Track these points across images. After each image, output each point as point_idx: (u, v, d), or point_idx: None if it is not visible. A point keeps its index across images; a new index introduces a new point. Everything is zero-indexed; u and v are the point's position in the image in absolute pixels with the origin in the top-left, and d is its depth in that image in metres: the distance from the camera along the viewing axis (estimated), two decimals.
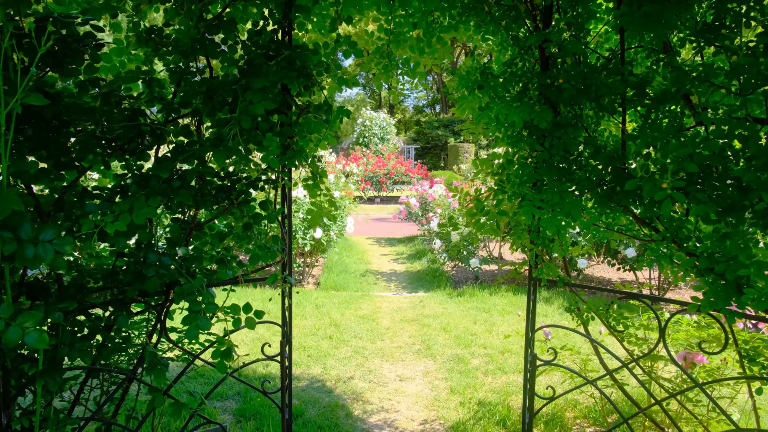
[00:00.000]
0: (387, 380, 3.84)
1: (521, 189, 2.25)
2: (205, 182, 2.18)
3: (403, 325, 5.12)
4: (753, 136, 1.67)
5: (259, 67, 2.13)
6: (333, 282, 6.62)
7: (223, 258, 2.20)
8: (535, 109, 2.21)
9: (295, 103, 2.33)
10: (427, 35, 2.71)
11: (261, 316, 2.06)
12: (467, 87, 2.44)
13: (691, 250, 1.99)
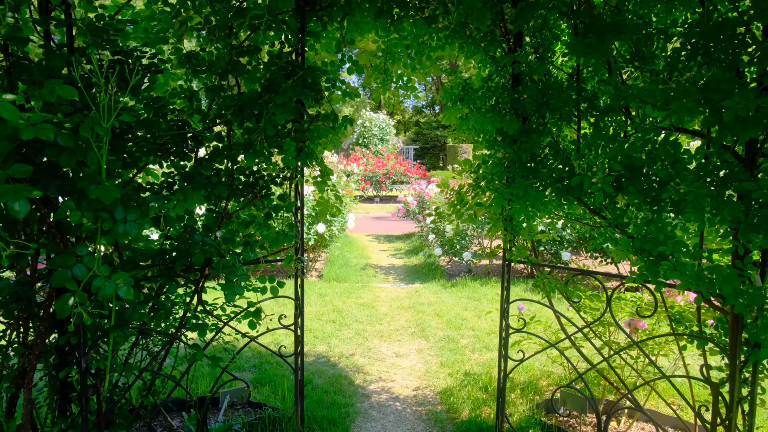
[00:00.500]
0: (384, 356, 4.33)
1: (494, 185, 2.74)
2: (233, 179, 2.67)
3: (400, 311, 5.61)
4: (663, 142, 2.15)
5: (278, 85, 2.62)
6: (335, 274, 7.10)
7: (249, 241, 2.68)
8: (506, 118, 2.70)
9: (307, 113, 2.82)
10: (418, 54, 3.20)
11: (283, 286, 2.56)
12: (451, 99, 2.93)
13: (629, 233, 2.47)
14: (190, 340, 2.69)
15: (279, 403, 3.35)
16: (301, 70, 2.70)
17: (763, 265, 2.16)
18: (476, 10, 2.68)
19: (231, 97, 2.60)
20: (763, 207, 1.96)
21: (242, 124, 2.57)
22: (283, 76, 2.66)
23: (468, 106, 2.84)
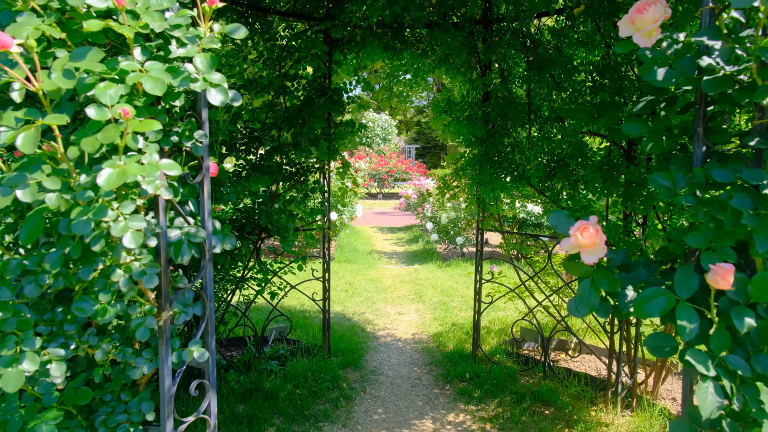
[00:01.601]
0: (389, 314, 5.43)
1: (468, 173, 3.83)
2: (282, 168, 3.76)
3: (401, 284, 6.71)
4: (576, 142, 3.24)
5: (313, 101, 3.72)
6: (345, 257, 8.20)
7: (292, 213, 3.78)
8: (477, 125, 3.79)
9: (333, 122, 3.92)
10: (414, 76, 4.30)
11: (316, 245, 3.66)
12: (437, 111, 4.02)
13: (561, 205, 3.56)
14: (246, 290, 3.80)
15: (310, 340, 4.45)
16: (329, 90, 3.81)
17: (643, 224, 3.25)
18: (455, 48, 3.79)
19: (281, 109, 3.71)
20: (634, 185, 3.05)
21: (289, 130, 3.67)
22: (317, 95, 3.77)
23: (450, 115, 3.93)
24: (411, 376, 3.93)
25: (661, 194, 1.22)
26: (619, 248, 1.38)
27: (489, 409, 3.37)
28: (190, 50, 1.03)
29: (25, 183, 0.87)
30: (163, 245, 1.18)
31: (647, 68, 1.24)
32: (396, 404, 3.47)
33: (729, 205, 1.08)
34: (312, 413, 3.29)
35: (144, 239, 1.05)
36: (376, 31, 3.87)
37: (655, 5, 1.27)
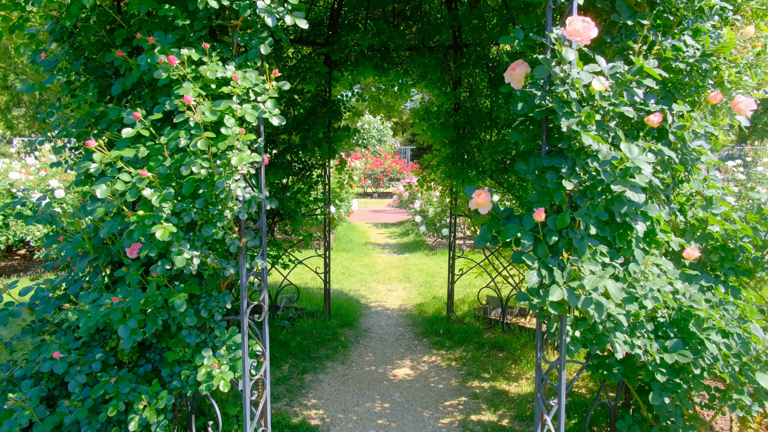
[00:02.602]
0: (380, 291, 6.41)
1: (442, 168, 4.81)
2: (291, 165, 4.74)
3: (392, 269, 7.70)
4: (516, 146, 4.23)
5: (316, 111, 4.70)
6: (342, 248, 9.18)
7: (300, 201, 4.76)
8: (449, 130, 4.78)
9: (332, 127, 4.89)
10: (399, 90, 5.29)
11: (320, 224, 4.64)
12: (418, 118, 5.01)
13: (515, 195, 4.55)
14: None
15: (313, 308, 5.43)
16: (330, 102, 4.79)
17: None
18: (431, 68, 4.79)
19: (291, 118, 4.68)
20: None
21: (298, 134, 4.65)
22: (319, 106, 4.76)
23: (427, 122, 4.92)
24: (396, 333, 4.91)
25: (521, 173, 2.21)
26: (506, 208, 2.37)
27: (456, 353, 4.36)
28: (263, 98, 1.99)
29: (191, 164, 1.83)
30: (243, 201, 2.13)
31: (514, 102, 2.22)
32: (383, 351, 4.45)
33: (545, 178, 2.07)
34: (317, 355, 4.27)
35: (243, 193, 2.02)
36: (367, 54, 4.85)
37: (521, 65, 2.26)
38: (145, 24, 2.24)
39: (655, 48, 2.20)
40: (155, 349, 2.58)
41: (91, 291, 2.40)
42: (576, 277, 2.00)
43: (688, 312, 2.27)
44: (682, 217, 2.62)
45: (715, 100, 2.19)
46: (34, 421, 2.37)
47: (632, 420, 2.56)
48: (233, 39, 2.08)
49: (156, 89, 2.27)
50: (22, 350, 2.95)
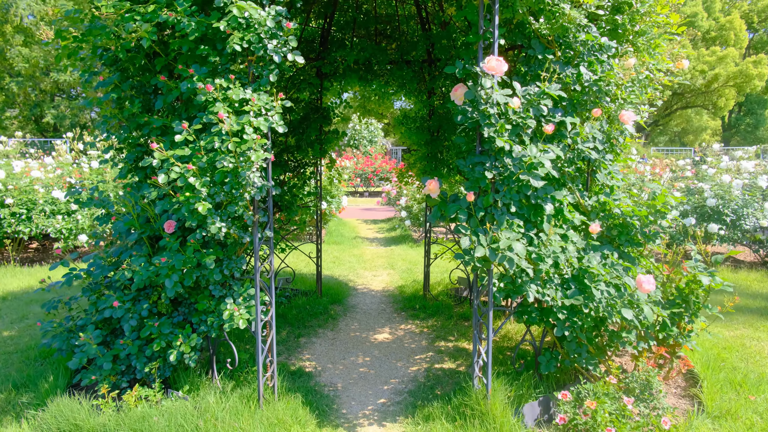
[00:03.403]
0: (366, 276, 7.24)
1: (418, 165, 5.65)
2: (288, 163, 5.55)
3: (379, 258, 8.53)
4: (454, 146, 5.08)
5: (309, 117, 5.53)
6: (333, 241, 9.99)
7: (295, 194, 5.58)
8: (423, 133, 5.62)
9: (323, 130, 5.72)
10: (382, 98, 6.13)
11: (313, 218, 5.46)
12: (397, 122, 5.84)
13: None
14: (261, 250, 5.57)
15: (306, 288, 6.25)
16: (321, 109, 5.62)
17: None
18: (408, 79, 5.63)
19: (288, 122, 5.50)
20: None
21: (293, 137, 5.46)
22: (312, 112, 5.58)
23: (405, 126, 5.75)
24: (378, 308, 5.75)
25: (460, 167, 3.04)
26: (452, 194, 3.20)
27: (428, 323, 5.20)
28: (272, 113, 2.81)
29: (222, 160, 2.64)
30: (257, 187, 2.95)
31: (455, 115, 3.05)
32: (367, 321, 5.28)
33: (475, 170, 2.91)
34: (310, 325, 5.09)
35: (258, 181, 2.84)
36: (353, 67, 5.68)
37: (461, 87, 3.09)
38: (181, 56, 3.06)
39: (555, 76, 3.04)
40: (186, 304, 3.39)
41: (139, 257, 3.21)
42: (495, 241, 2.84)
43: (585, 270, 3.11)
44: (591, 201, 3.47)
45: (596, 114, 3.04)
46: (95, 356, 3.17)
47: (550, 355, 3.41)
48: (249, 70, 2.90)
49: (190, 105, 3.09)
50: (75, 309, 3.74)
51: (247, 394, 3.19)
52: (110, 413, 2.83)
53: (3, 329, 4.81)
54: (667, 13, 3.54)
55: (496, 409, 3.02)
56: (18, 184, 7.07)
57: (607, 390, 2.98)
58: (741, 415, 3.21)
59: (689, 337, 3.48)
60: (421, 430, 3.08)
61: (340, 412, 3.39)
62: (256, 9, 2.69)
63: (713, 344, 4.40)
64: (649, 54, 3.49)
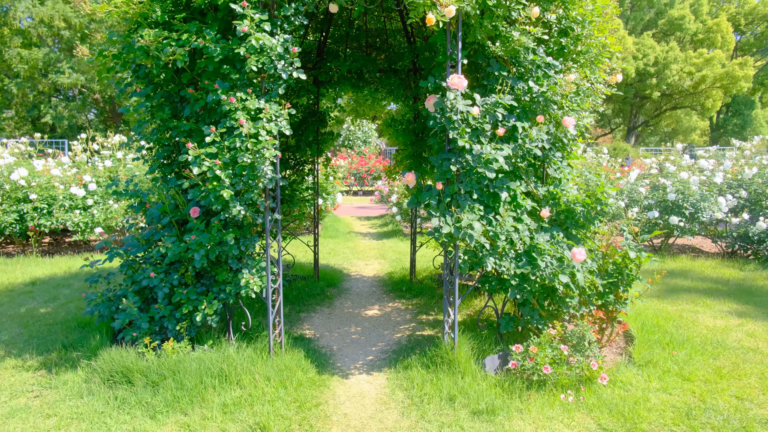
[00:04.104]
0: (359, 265, 8.00)
1: (405, 163, 6.41)
2: (288, 161, 6.30)
3: (371, 250, 9.28)
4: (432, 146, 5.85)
5: (308, 120, 6.29)
6: (329, 235, 10.74)
7: (295, 189, 6.33)
8: (409, 135, 6.39)
9: (320, 132, 6.47)
10: (373, 103, 6.88)
11: (311, 207, 6.22)
12: (385, 124, 6.60)
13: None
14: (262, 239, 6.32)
15: (305, 274, 7.00)
16: (318, 113, 6.38)
17: None
18: (396, 86, 6.39)
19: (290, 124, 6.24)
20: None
21: (293, 137, 6.21)
22: (310, 116, 6.34)
23: (393, 128, 6.51)
24: (369, 290, 6.50)
25: (432, 162, 3.81)
26: (426, 184, 3.96)
27: (413, 302, 5.96)
28: (281, 119, 3.55)
29: (243, 156, 3.37)
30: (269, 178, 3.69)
31: (428, 120, 3.81)
32: (359, 301, 6.03)
33: (444, 165, 3.68)
34: (308, 303, 5.84)
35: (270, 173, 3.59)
36: (347, 76, 6.43)
37: (433, 98, 3.85)
38: (205, 73, 3.80)
39: (508, 88, 3.81)
40: (207, 277, 4.13)
41: (170, 237, 3.94)
42: (459, 221, 3.60)
43: (534, 246, 3.88)
44: (542, 191, 4.24)
45: (540, 120, 3.81)
46: (134, 319, 3.91)
47: (509, 318, 4.18)
48: (262, 85, 3.66)
49: (212, 112, 3.83)
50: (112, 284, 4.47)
51: (259, 348, 3.94)
52: (152, 359, 3.57)
53: (40, 307, 5.53)
54: (606, 35, 4.32)
55: (461, 358, 3.78)
56: (39, 182, 7.78)
57: (549, 341, 3.75)
58: (662, 364, 3.99)
59: (625, 303, 4.26)
60: (400, 375, 3.84)
61: (335, 365, 4.14)
62: (269, 38, 3.44)
63: (655, 315, 5.19)
64: (590, 69, 4.27)
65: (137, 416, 3.19)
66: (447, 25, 3.67)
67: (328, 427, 3.17)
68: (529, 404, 3.37)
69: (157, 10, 3.63)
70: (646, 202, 8.15)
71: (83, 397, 3.41)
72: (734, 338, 4.65)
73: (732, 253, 8.21)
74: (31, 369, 3.90)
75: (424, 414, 3.29)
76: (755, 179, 8.03)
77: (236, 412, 3.25)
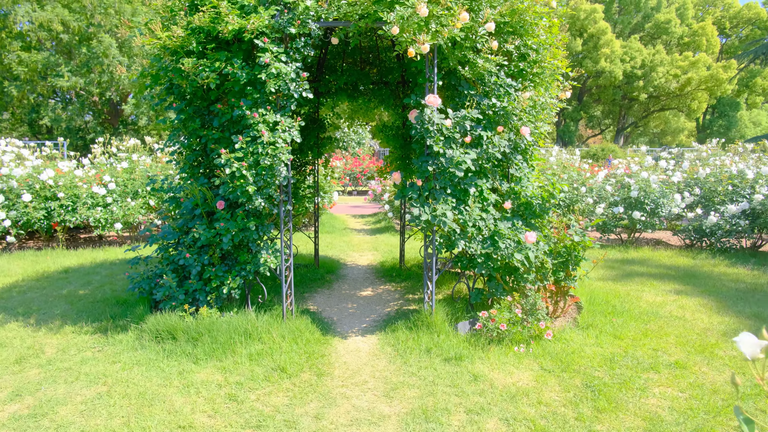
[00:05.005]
0: (354, 256, 8.97)
1: (395, 164, 7.39)
2: (292, 162, 7.26)
3: (365, 243, 10.26)
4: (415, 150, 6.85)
5: (309, 126, 7.27)
6: (326, 231, 11.70)
7: (298, 187, 7.30)
8: (398, 140, 7.37)
9: (319, 137, 7.45)
10: (367, 111, 7.86)
11: (311, 203, 7.20)
12: (377, 129, 7.58)
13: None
14: None
15: (306, 263, 7.96)
16: (318, 120, 7.35)
17: None
18: (386, 97, 7.39)
19: None
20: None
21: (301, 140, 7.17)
22: (311, 123, 7.32)
23: (383, 134, 7.49)
24: (363, 276, 7.48)
25: (415, 164, 4.79)
26: (411, 181, 4.94)
27: (401, 285, 6.94)
28: (293, 129, 4.51)
29: (264, 159, 4.32)
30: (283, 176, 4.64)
31: (410, 130, 4.80)
32: (355, 284, 7.01)
33: (423, 166, 4.67)
34: (311, 287, 6.81)
35: (284, 173, 4.55)
36: (343, 87, 7.40)
37: (415, 112, 4.83)
38: (231, 92, 4.76)
39: (475, 104, 4.80)
40: (230, 258, 5.08)
41: (201, 225, 4.90)
42: (435, 210, 4.58)
43: (496, 231, 4.87)
44: (505, 187, 5.23)
45: (499, 130, 4.80)
46: (172, 292, 4.86)
47: (478, 291, 5.16)
48: (278, 102, 4.62)
49: (236, 124, 4.79)
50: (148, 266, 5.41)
51: (274, 315, 4.91)
52: (190, 321, 4.53)
53: (78, 289, 6.46)
54: (558, 59, 5.32)
55: (438, 321, 4.77)
56: (65, 181, 8.70)
57: (508, 307, 4.74)
58: (600, 327, 4.99)
59: (573, 280, 5.26)
60: (389, 336, 4.82)
61: (336, 330, 5.12)
62: (285, 66, 4.42)
63: (606, 293, 6.20)
64: (545, 87, 5.27)
65: (183, 362, 4.15)
66: (425, 56, 4.66)
67: (332, 370, 4.14)
68: (489, 354, 4.36)
69: (193, 42, 4.59)
70: (612, 199, 9.18)
71: (137, 350, 4.36)
72: (667, 310, 5.67)
73: (690, 245, 9.25)
74: (87, 333, 4.85)
75: (406, 361, 4.27)
76: (708, 178, 9.08)
77: (259, 360, 4.21)
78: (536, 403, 3.58)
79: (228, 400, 3.59)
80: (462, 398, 3.63)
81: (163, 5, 4.95)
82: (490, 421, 3.35)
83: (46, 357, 4.30)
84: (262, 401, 3.59)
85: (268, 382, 3.87)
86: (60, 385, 3.80)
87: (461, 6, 4.46)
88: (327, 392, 3.75)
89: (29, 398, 3.61)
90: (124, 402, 3.54)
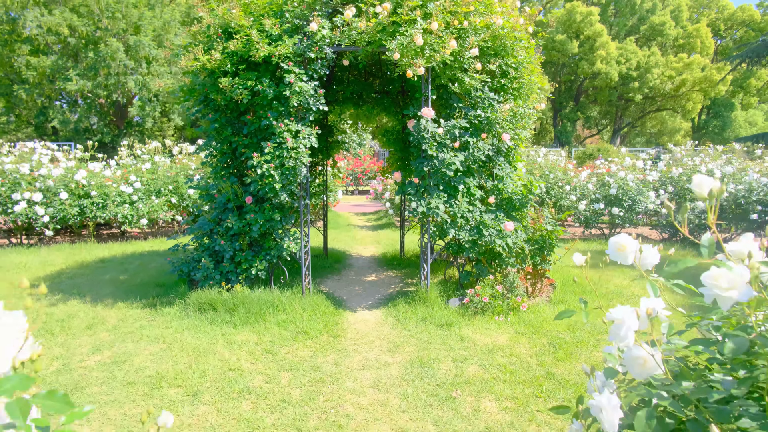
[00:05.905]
0: (359, 248, 9.97)
1: (395, 165, 8.38)
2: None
3: (368, 238, 11.26)
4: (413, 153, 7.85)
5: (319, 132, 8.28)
6: (331, 227, 12.67)
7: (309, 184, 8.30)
8: (398, 143, 8.38)
9: (328, 140, 8.44)
10: (370, 117, 8.86)
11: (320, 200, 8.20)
12: (380, 133, 8.57)
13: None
14: None
15: (316, 254, 8.96)
16: (327, 125, 8.36)
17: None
18: (388, 105, 8.40)
19: None
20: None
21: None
22: (320, 128, 8.32)
23: (386, 137, 8.48)
24: (367, 265, 8.48)
25: (412, 165, 5.79)
26: (409, 180, 5.94)
27: (401, 272, 7.94)
28: (311, 136, 5.50)
29: (288, 161, 5.31)
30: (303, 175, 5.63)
31: (409, 136, 5.80)
32: (360, 272, 8.00)
33: (420, 167, 5.67)
34: (322, 274, 7.81)
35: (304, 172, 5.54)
36: (349, 96, 8.40)
37: (413, 121, 5.83)
38: (258, 105, 5.75)
39: (463, 115, 5.80)
40: (257, 245, 6.07)
41: (233, 216, 5.88)
42: (429, 204, 5.58)
43: (482, 222, 5.86)
44: (490, 184, 6.23)
45: (483, 136, 5.80)
46: (209, 273, 5.86)
47: (467, 273, 6.16)
48: (299, 114, 5.62)
49: (263, 131, 5.78)
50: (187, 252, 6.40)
51: (295, 291, 5.91)
52: (227, 295, 5.52)
53: (118, 275, 7.46)
54: (535, 75, 6.32)
55: (432, 296, 5.76)
56: (97, 181, 9.70)
57: (491, 285, 5.73)
58: (569, 303, 5.99)
59: (548, 264, 6.26)
60: (391, 309, 5.81)
61: (346, 306, 6.11)
62: (305, 84, 5.42)
63: (580, 277, 7.20)
64: (523, 100, 6.27)
65: (223, 327, 5.15)
66: (421, 76, 5.66)
67: (345, 333, 5.14)
68: (474, 322, 5.36)
69: (228, 64, 5.59)
70: (593, 196, 10.19)
71: (184, 319, 5.36)
72: (630, 290, 6.67)
73: (667, 239, 10.25)
74: (138, 308, 5.84)
75: (406, 327, 5.26)
76: (681, 177, 10.09)
77: (285, 326, 5.21)
78: (509, 354, 4.58)
79: (264, 353, 4.58)
80: (450, 352, 4.63)
81: (200, 32, 5.95)
82: (471, 366, 4.35)
83: (111, 324, 5.30)
84: (291, 354, 4.59)
85: (294, 341, 4.87)
86: (128, 343, 4.79)
87: (450, 35, 5.46)
88: (342, 348, 4.75)
89: (107, 351, 4.61)
90: (183, 354, 4.54)
